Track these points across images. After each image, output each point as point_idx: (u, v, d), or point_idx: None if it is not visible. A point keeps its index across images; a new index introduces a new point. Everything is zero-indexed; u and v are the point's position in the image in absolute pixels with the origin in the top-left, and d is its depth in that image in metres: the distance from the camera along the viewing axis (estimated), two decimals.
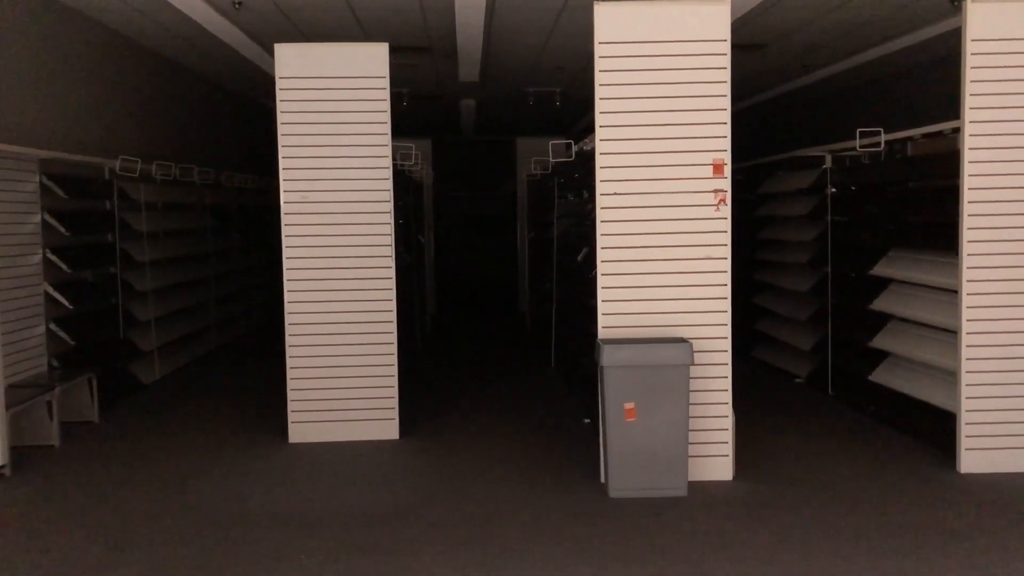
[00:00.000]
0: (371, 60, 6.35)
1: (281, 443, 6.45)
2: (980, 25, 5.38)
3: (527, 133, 16.31)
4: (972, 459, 5.51)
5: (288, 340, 6.43)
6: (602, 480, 5.45)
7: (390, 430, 6.53)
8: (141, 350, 8.49)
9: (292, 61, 6.34)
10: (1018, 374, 5.49)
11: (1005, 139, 5.41)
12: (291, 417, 6.46)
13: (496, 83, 11.55)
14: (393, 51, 6.51)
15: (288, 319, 6.42)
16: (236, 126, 13.03)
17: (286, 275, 6.39)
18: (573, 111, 13.76)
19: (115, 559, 4.39)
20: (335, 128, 6.34)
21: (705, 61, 5.34)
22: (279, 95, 6.33)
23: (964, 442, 5.51)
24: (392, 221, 6.44)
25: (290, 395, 6.45)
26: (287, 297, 6.40)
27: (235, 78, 11.44)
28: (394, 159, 6.62)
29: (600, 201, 5.40)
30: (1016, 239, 5.45)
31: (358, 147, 6.35)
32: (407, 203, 10.04)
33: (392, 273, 6.46)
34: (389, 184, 6.41)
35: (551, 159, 8.57)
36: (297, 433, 6.47)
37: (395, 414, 6.53)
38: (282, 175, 6.36)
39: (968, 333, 5.49)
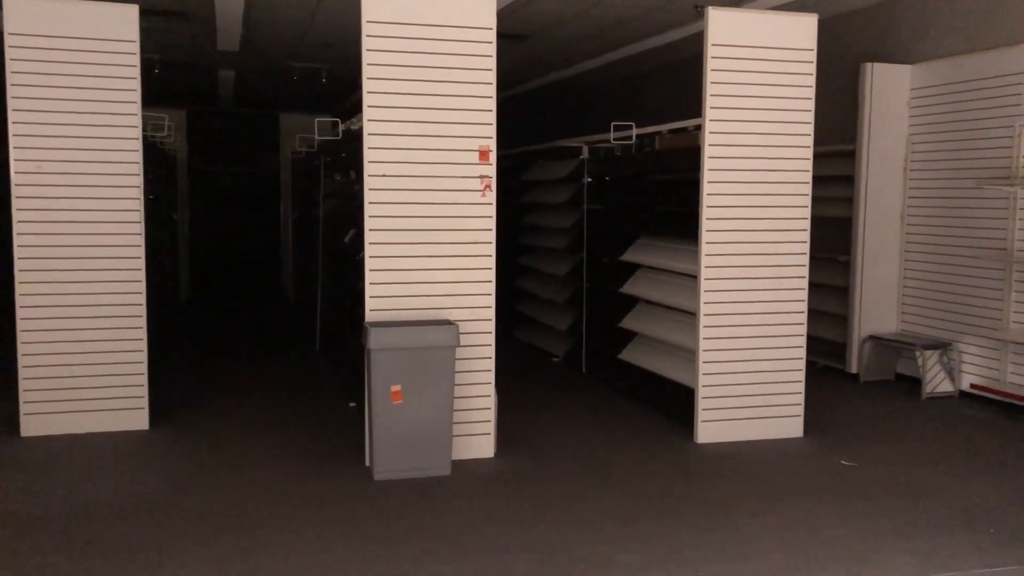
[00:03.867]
0: (118, 22, 5.89)
1: (12, 437, 5.88)
2: (719, 31, 5.85)
3: (291, 108, 15.83)
4: (707, 430, 6.04)
5: (20, 324, 5.86)
6: (367, 463, 5.44)
7: (139, 420, 6.14)
8: None
9: (25, 16, 5.75)
10: (745, 352, 6.07)
11: (738, 137, 5.95)
12: (24, 408, 5.91)
13: (258, 55, 11.09)
14: (144, 14, 6.09)
15: (20, 300, 5.85)
16: None
17: (17, 252, 5.82)
18: (341, 89, 13.50)
19: None
20: (77, 94, 5.84)
21: (472, 48, 5.43)
22: (8, 53, 5.73)
23: (700, 415, 6.03)
24: (141, 196, 6.04)
25: (22, 384, 5.89)
26: (19, 276, 5.83)
27: None
28: (144, 130, 6.22)
29: (368, 183, 5.35)
30: (746, 229, 6.01)
31: (103, 115, 5.89)
32: (159, 177, 9.49)
33: (141, 252, 6.05)
34: (138, 156, 5.99)
35: (317, 137, 8.37)
36: (31, 426, 5.93)
37: (145, 403, 6.15)
38: (12, 143, 5.77)
39: (705, 315, 5.99)
